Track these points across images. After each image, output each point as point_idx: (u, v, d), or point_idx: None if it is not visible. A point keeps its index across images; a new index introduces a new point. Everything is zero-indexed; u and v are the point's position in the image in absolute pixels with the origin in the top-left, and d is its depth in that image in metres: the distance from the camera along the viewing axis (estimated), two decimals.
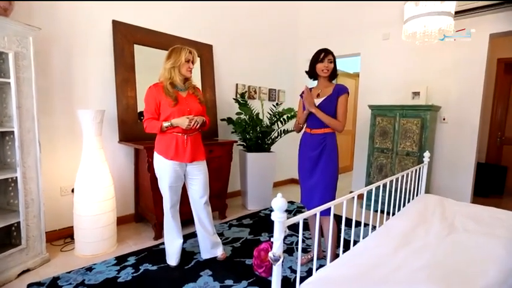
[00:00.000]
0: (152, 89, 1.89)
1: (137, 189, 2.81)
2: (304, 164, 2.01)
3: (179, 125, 1.84)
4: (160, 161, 1.91)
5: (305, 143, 2.02)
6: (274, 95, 4.18)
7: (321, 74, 1.92)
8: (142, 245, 2.37)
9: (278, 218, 0.77)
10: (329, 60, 1.88)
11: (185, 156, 1.91)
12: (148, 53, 2.82)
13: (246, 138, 3.27)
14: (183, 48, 1.87)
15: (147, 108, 1.90)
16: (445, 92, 3.20)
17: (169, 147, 1.88)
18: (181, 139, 1.89)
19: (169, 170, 1.90)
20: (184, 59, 1.85)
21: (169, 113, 1.85)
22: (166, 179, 1.92)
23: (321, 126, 1.91)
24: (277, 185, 4.37)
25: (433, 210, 1.69)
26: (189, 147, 1.91)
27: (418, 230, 1.40)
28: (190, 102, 1.94)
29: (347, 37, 3.93)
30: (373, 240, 1.26)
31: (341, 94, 1.88)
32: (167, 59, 1.87)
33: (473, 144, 3.09)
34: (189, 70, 1.90)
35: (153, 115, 1.88)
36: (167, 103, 1.84)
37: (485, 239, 1.31)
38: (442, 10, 2.33)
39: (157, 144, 1.94)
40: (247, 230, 2.71)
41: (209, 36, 3.35)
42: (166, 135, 1.89)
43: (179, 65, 1.85)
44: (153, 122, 1.87)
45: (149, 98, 1.88)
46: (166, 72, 1.87)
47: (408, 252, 1.17)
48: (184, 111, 1.89)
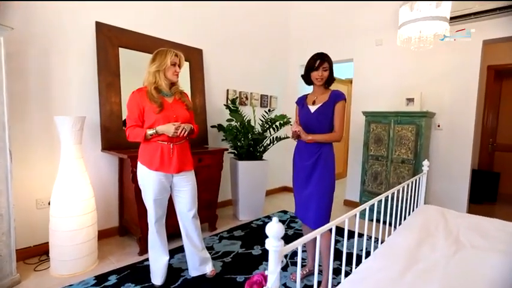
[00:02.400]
0: (135, 94, 1.75)
1: (121, 200, 2.64)
2: (298, 173, 1.89)
3: (165, 132, 1.70)
4: (144, 172, 1.77)
5: (300, 152, 1.90)
6: (266, 101, 4.08)
7: (315, 82, 1.83)
8: (126, 261, 2.20)
9: (273, 247, 0.64)
10: (324, 68, 1.78)
11: (171, 166, 1.76)
12: (135, 56, 2.68)
13: (237, 146, 3.14)
14: (169, 51, 1.74)
15: (130, 115, 1.75)
16: (439, 98, 3.16)
17: (154, 157, 1.74)
18: (166, 148, 1.75)
19: (154, 182, 1.75)
20: (170, 62, 1.73)
21: (154, 120, 1.71)
22: (151, 191, 1.77)
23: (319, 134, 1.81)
24: (270, 193, 4.24)
25: (436, 223, 1.59)
26: (176, 156, 1.77)
27: (423, 247, 1.30)
28: (177, 108, 1.81)
29: (340, 43, 3.88)
30: (377, 261, 1.15)
31: (338, 101, 1.79)
32: (151, 62, 1.75)
33: (468, 151, 3.04)
34: (175, 74, 1.78)
35: (137, 122, 1.74)
36: (151, 109, 1.71)
37: (497, 257, 1.21)
38: (437, 15, 2.29)
39: (141, 154, 1.79)
40: (239, 243, 2.56)
41: (199, 40, 3.24)
42: (151, 143, 1.75)
43: (164, 69, 1.73)
44: (137, 129, 1.73)
45: (132, 104, 1.75)
46: (150, 76, 1.75)
47: (416, 274, 1.06)
48: (170, 118, 1.75)
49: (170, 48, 1.80)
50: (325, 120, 1.79)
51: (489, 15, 2.69)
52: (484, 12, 2.66)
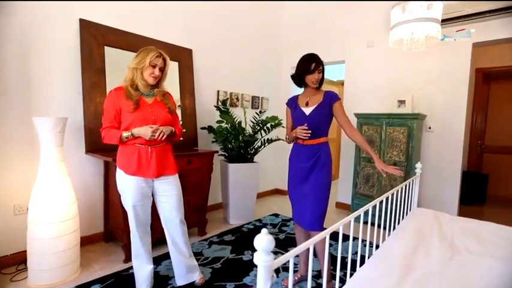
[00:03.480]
0: (112, 93, 1.65)
1: (107, 205, 2.54)
2: (294, 177, 1.84)
3: (141, 135, 1.61)
4: (121, 176, 1.67)
5: (297, 155, 1.84)
6: (257, 102, 4.03)
7: (310, 85, 1.79)
8: (111, 269, 2.10)
9: (263, 262, 0.58)
10: (319, 71, 1.75)
11: (149, 171, 1.66)
12: (122, 56, 2.58)
13: (227, 148, 3.07)
14: (153, 50, 1.63)
15: (106, 115, 1.66)
16: (430, 100, 3.16)
17: (131, 161, 1.64)
18: (144, 151, 1.65)
19: (133, 187, 1.65)
20: (150, 62, 1.60)
21: (130, 121, 1.61)
22: (129, 197, 1.67)
23: (315, 137, 1.76)
24: (261, 196, 4.18)
25: (430, 227, 1.56)
26: (154, 160, 1.67)
27: (418, 252, 1.26)
28: (157, 109, 1.70)
29: (331, 44, 3.86)
30: (372, 270, 1.10)
31: (334, 102, 1.77)
32: (134, 58, 1.65)
33: (458, 153, 3.05)
34: (152, 76, 1.64)
35: (112, 123, 1.64)
36: (127, 108, 1.61)
37: (493, 262, 1.18)
38: (429, 16, 2.29)
39: (119, 157, 1.70)
40: (229, 248, 2.49)
41: (189, 40, 3.16)
42: (128, 146, 1.65)
43: (142, 68, 1.62)
44: (112, 131, 1.63)
45: (108, 103, 1.65)
46: (129, 72, 1.65)
47: (413, 283, 1.01)
48: (148, 120, 1.64)
49: (158, 47, 1.70)
50: (321, 122, 1.76)
51: (479, 18, 2.70)
52: (475, 14, 2.67)
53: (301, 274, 1.99)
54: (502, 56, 4.20)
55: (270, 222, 3.16)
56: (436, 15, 2.28)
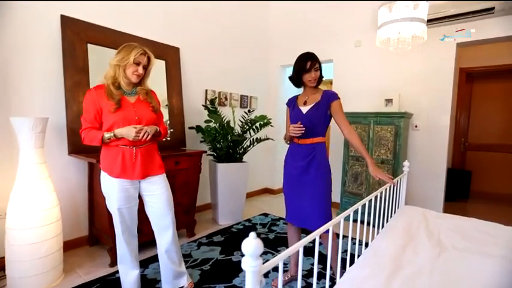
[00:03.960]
0: (92, 92, 1.56)
1: (92, 208, 2.46)
2: (290, 177, 1.82)
3: (124, 136, 1.53)
4: (106, 179, 1.60)
5: (292, 155, 1.82)
6: (246, 101, 4.00)
7: (308, 84, 1.76)
8: (96, 273, 2.04)
9: (251, 267, 0.55)
10: (316, 69, 1.72)
11: (134, 172, 1.60)
12: (106, 54, 2.51)
13: (216, 148, 3.04)
14: (137, 47, 1.55)
15: (86, 116, 1.57)
16: (416, 99, 3.21)
17: (115, 163, 1.57)
18: (129, 153, 1.58)
19: (117, 189, 1.58)
20: (134, 59, 1.52)
21: (112, 121, 1.53)
22: (115, 200, 1.60)
23: (310, 136, 1.74)
24: (250, 196, 4.16)
25: (418, 225, 1.58)
26: (139, 161, 1.60)
27: (407, 250, 1.26)
28: (140, 108, 1.62)
29: (319, 43, 3.86)
30: (362, 269, 1.09)
31: (332, 100, 1.73)
32: (116, 55, 1.57)
33: (443, 151, 3.11)
34: (135, 74, 1.57)
35: (93, 124, 1.57)
36: (108, 108, 1.53)
37: (479, 258, 1.20)
38: (415, 16, 2.31)
39: (102, 159, 1.63)
40: (218, 249, 2.46)
41: (176, 38, 3.10)
42: (111, 148, 1.58)
43: (125, 65, 1.54)
44: (92, 132, 1.55)
45: (88, 103, 1.56)
46: (111, 69, 1.57)
47: (402, 281, 1.01)
48: (131, 120, 1.57)
49: (145, 45, 1.64)
50: (317, 121, 1.73)
51: (463, 19, 2.75)
52: (459, 15, 2.72)
53: (292, 274, 1.98)
54: (484, 56, 4.32)
55: (259, 222, 3.15)
56: (421, 15, 2.31)
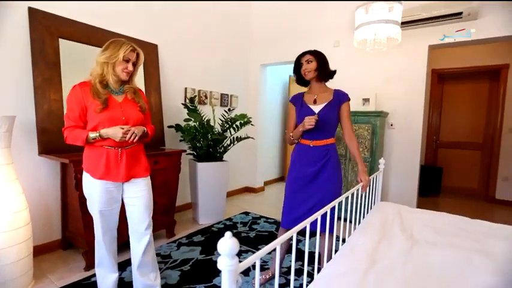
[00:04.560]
0: (76, 89, 1.49)
1: (65, 210, 2.36)
2: (298, 181, 1.73)
3: (110, 136, 1.47)
4: (88, 180, 1.55)
5: (303, 157, 1.73)
6: (226, 100, 3.98)
7: (305, 77, 1.75)
8: (69, 278, 1.96)
9: (227, 267, 0.56)
10: (307, 60, 1.70)
11: (119, 174, 1.54)
12: (80, 50, 2.41)
13: (196, 147, 3.00)
14: (125, 43, 1.48)
15: (69, 113, 1.50)
16: (392, 98, 3.32)
17: (99, 164, 1.51)
18: (114, 154, 1.52)
19: (99, 191, 1.53)
20: (123, 56, 1.46)
21: (98, 121, 1.47)
22: (96, 202, 1.55)
23: (324, 137, 1.70)
24: (231, 194, 4.15)
25: (392, 220, 1.64)
26: (124, 163, 1.55)
27: (382, 245, 1.31)
28: (128, 108, 1.56)
29: (299, 43, 3.90)
30: (339, 265, 1.12)
31: (344, 101, 1.71)
32: (102, 51, 1.49)
33: (417, 149, 3.24)
34: (125, 71, 1.51)
35: (77, 122, 1.49)
36: (94, 107, 1.47)
37: (449, 251, 1.26)
38: (390, 19, 2.39)
39: (85, 160, 1.56)
40: (199, 249, 2.44)
41: (154, 35, 3.03)
42: (96, 148, 1.52)
43: (114, 62, 1.47)
44: (76, 130, 1.47)
45: (72, 100, 1.48)
46: (98, 66, 1.49)
47: (377, 275, 1.05)
48: (118, 120, 1.51)
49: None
50: (330, 121, 1.69)
51: (434, 22, 2.87)
52: (430, 19, 2.84)
53: (272, 272, 1.99)
54: (454, 59, 4.54)
55: (240, 220, 3.15)
56: (396, 18, 2.39)
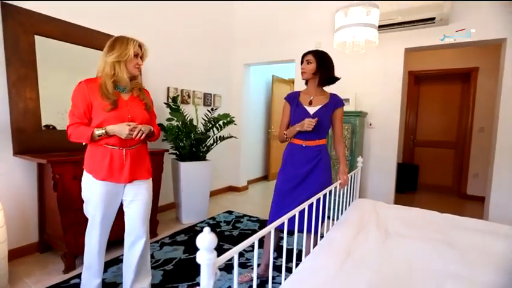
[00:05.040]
0: (83, 86, 1.45)
1: (42, 212, 2.30)
2: (289, 182, 1.74)
3: (116, 133, 1.44)
4: (89, 182, 1.50)
5: (295, 157, 1.74)
6: (209, 99, 3.98)
7: (302, 76, 1.79)
8: (48, 281, 1.92)
9: (205, 260, 0.59)
10: (307, 61, 1.72)
11: (122, 175, 1.50)
12: (57, 47, 2.36)
13: (178, 146, 2.99)
14: (131, 40, 1.49)
15: (74, 110, 1.45)
16: (371, 99, 3.44)
17: (102, 164, 1.47)
18: (118, 154, 1.49)
19: (102, 193, 1.49)
20: (133, 52, 1.47)
21: (103, 118, 1.44)
22: (97, 205, 1.50)
23: (317, 138, 1.73)
24: (215, 194, 4.16)
25: (369, 216, 1.72)
26: (128, 163, 1.51)
27: (357, 239, 1.38)
28: (133, 107, 1.55)
29: (282, 44, 3.97)
30: (316, 259, 1.18)
31: (339, 107, 1.75)
32: (109, 51, 1.46)
33: (394, 147, 3.38)
34: (137, 67, 1.52)
35: (82, 119, 1.45)
36: (101, 106, 1.44)
37: (418, 242, 1.35)
38: (368, 22, 2.48)
39: (87, 160, 1.52)
40: (182, 248, 2.44)
41: (136, 34, 2.90)
42: (99, 148, 1.48)
43: (126, 60, 1.46)
44: (81, 127, 1.44)
45: (77, 97, 1.45)
46: (108, 67, 1.45)
47: (350, 267, 1.11)
48: (124, 118, 1.48)
49: (102, 39, 1.59)
50: (323, 124, 1.72)
51: (410, 26, 3.00)
52: (406, 23, 2.96)
53: (260, 273, 1.95)
54: (430, 61, 4.74)
55: (223, 219, 3.17)
56: (373, 21, 2.49)
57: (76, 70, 2.49)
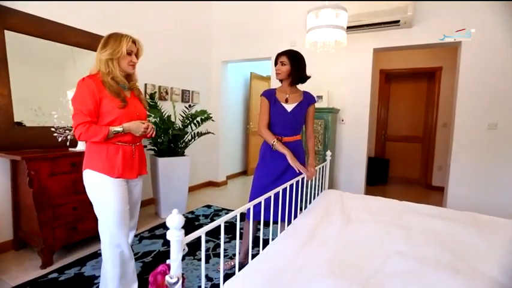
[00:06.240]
0: (89, 82, 1.40)
1: (17, 209, 2.29)
2: (267, 176, 1.81)
3: (132, 131, 1.48)
4: (104, 182, 1.44)
5: (273, 153, 1.80)
6: (187, 96, 4.02)
7: (276, 77, 1.86)
8: (25, 277, 1.93)
9: (175, 237, 0.69)
10: (281, 62, 1.79)
11: (133, 170, 1.54)
12: (30, 43, 2.33)
13: (157, 142, 3.03)
14: (124, 36, 1.48)
15: (83, 108, 1.38)
16: (342, 96, 3.62)
17: (115, 162, 1.46)
18: (129, 150, 1.51)
19: (118, 191, 1.46)
20: (126, 50, 1.46)
21: (117, 115, 1.43)
22: (116, 204, 1.45)
23: (294, 134, 1.83)
24: (193, 189, 4.23)
25: (334, 205, 1.87)
26: (137, 159, 1.56)
27: (321, 225, 1.52)
28: (137, 105, 1.58)
29: (258, 42, 4.07)
30: (282, 241, 1.30)
31: (312, 103, 1.87)
32: (102, 48, 1.45)
33: (364, 142, 3.58)
34: (131, 65, 1.51)
35: (92, 117, 1.40)
36: (113, 103, 1.43)
37: (374, 225, 1.51)
38: (337, 24, 2.63)
39: (97, 160, 1.45)
40: (160, 242, 2.51)
41: (112, 30, 2.92)
42: (109, 145, 1.46)
43: (119, 58, 1.45)
44: (94, 127, 1.40)
45: (84, 93, 1.38)
46: (102, 64, 1.44)
47: (312, 249, 1.24)
48: (133, 115, 1.51)
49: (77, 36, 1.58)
50: (301, 120, 1.85)
51: (378, 28, 3.19)
52: (374, 24, 3.15)
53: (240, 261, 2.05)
54: (399, 60, 5.01)
55: (202, 213, 3.25)
56: (342, 24, 2.64)
57: (49, 66, 2.47)
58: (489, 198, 2.95)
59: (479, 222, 1.65)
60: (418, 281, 1.00)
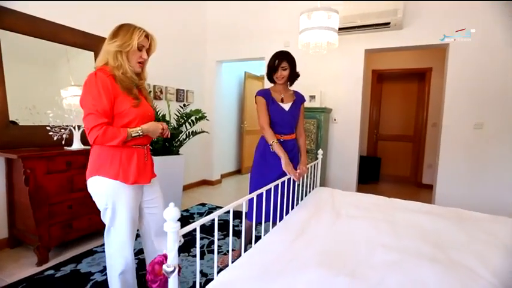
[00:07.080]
0: (103, 77, 1.23)
1: (12, 208, 2.30)
2: (268, 176, 1.83)
3: (150, 133, 1.36)
4: (116, 189, 1.30)
5: (273, 152, 1.81)
6: (182, 95, 4.05)
7: (277, 81, 1.89)
8: (20, 274, 1.95)
9: (171, 228, 0.74)
10: (283, 68, 1.82)
11: (146, 174, 1.41)
12: (25, 42, 2.35)
13: (151, 141, 3.06)
14: (137, 28, 1.32)
15: (98, 107, 1.21)
16: (335, 96, 3.70)
17: (129, 167, 1.32)
18: (142, 153, 1.39)
19: (131, 198, 1.34)
20: (137, 43, 1.30)
21: (134, 116, 1.30)
22: (128, 211, 1.34)
23: (291, 132, 1.90)
24: (188, 187, 4.26)
25: (325, 202, 1.93)
26: (149, 162, 1.46)
27: (311, 221, 1.58)
28: (147, 104, 1.46)
29: (253, 42, 4.12)
30: (273, 236, 1.36)
31: (302, 102, 1.96)
32: (111, 38, 1.29)
33: (356, 141, 3.66)
34: (139, 62, 1.37)
35: (108, 118, 1.24)
36: (127, 101, 1.28)
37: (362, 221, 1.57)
38: (329, 26, 2.69)
39: (106, 164, 1.29)
40: None
41: (106, 29, 2.93)
42: (124, 149, 1.31)
43: (128, 51, 1.30)
44: (112, 129, 1.24)
45: (99, 90, 1.21)
46: (110, 57, 1.28)
47: (302, 243, 1.30)
48: (146, 115, 1.39)
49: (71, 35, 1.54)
50: (296, 118, 1.93)
51: (369, 29, 3.27)
52: (365, 26, 3.22)
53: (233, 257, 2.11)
54: (391, 61, 5.11)
55: (197, 211, 3.30)
56: (334, 25, 2.70)
57: (43, 65, 2.49)
58: (475, 195, 3.06)
59: (463, 217, 1.73)
60: (399, 268, 1.07)
